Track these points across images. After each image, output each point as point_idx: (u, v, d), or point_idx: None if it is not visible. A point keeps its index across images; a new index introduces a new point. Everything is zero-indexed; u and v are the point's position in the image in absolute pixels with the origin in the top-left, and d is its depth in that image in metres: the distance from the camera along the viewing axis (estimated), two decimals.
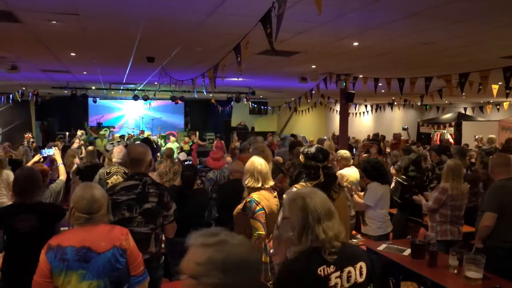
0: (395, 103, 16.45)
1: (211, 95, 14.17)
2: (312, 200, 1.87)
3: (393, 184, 5.83)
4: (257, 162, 3.35)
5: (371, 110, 17.33)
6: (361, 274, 1.87)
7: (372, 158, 5.50)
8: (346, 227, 3.02)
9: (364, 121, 20.28)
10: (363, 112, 17.90)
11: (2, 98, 14.08)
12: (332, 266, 1.79)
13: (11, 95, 13.67)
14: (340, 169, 5.44)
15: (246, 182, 3.32)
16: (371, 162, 4.99)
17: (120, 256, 2.34)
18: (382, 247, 4.24)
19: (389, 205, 4.91)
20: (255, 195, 3.23)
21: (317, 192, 1.95)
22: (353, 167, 5.56)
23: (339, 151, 5.75)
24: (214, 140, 16.16)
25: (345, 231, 1.99)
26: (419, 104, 15.79)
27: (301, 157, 2.87)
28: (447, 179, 4.49)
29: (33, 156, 6.19)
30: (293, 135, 13.83)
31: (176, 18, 4.75)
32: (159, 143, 13.89)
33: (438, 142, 15.66)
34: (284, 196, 2.85)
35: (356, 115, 18.43)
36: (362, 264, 1.89)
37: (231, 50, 4.54)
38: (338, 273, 1.80)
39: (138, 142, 11.41)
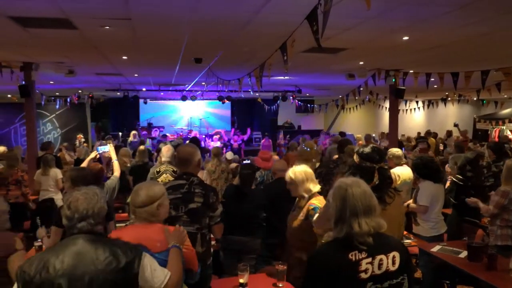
0: (449, 98, 15.74)
1: (257, 94, 14.22)
2: (354, 195, 1.93)
3: (448, 184, 5.58)
4: (304, 167, 3.34)
5: (423, 106, 16.68)
6: (393, 263, 1.91)
7: (425, 156, 5.29)
8: (400, 234, 2.91)
9: (415, 118, 19.59)
10: (414, 109, 17.28)
11: (61, 101, 14.89)
12: (363, 253, 1.87)
13: (68, 98, 14.43)
14: (391, 168, 5.28)
15: (310, 188, 3.27)
16: (423, 160, 4.76)
17: (167, 257, 2.37)
18: (436, 248, 4.08)
19: (442, 205, 4.69)
20: (315, 201, 3.20)
21: (361, 185, 1.98)
22: (405, 166, 5.38)
23: (390, 150, 5.58)
24: (261, 138, 16.24)
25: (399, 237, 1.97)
26: (475, 99, 15.01)
27: (356, 157, 2.76)
28: (507, 181, 4.19)
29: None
30: (341, 133, 13.62)
31: (222, 19, 4.81)
32: (207, 142, 14.15)
33: (496, 139, 14.82)
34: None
35: (406, 112, 17.84)
36: (395, 253, 1.93)
37: (277, 49, 4.53)
38: (369, 259, 1.87)
39: (179, 142, 11.70)
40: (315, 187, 3.29)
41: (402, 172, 5.19)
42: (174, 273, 2.09)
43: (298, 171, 3.32)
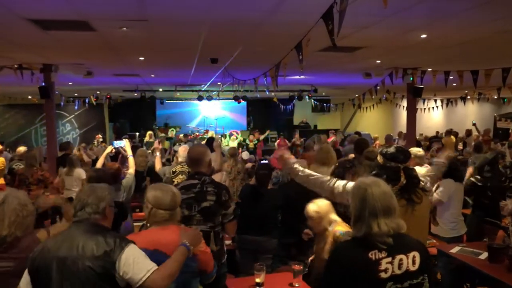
0: (468, 97, 15.46)
1: (273, 93, 14.20)
2: (374, 195, 1.91)
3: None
4: (324, 201, 3.31)
5: (441, 105, 16.42)
6: (413, 263, 1.90)
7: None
8: (425, 237, 2.88)
9: (433, 117, 19.29)
10: (433, 107, 17.03)
11: (79, 102, 15.14)
12: (383, 252, 1.86)
13: (86, 99, 14.66)
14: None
15: (333, 218, 3.24)
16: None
17: (190, 261, 2.37)
18: (455, 249, 4.01)
19: (462, 205, 4.62)
20: (340, 227, 3.17)
21: (381, 185, 1.96)
22: (426, 166, 5.28)
23: (412, 149, 5.48)
24: (277, 138, 16.22)
25: (423, 240, 1.96)
26: (495, 97, 14.71)
27: (380, 158, 2.74)
28: None
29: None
30: (357, 133, 13.50)
31: (238, 19, 4.82)
32: (222, 142, 14.19)
33: None
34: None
35: (424, 111, 17.58)
36: (415, 253, 1.91)
37: (293, 48, 4.52)
38: (389, 259, 1.86)
39: (197, 142, 11.77)
40: (336, 216, 3.27)
41: (421, 173, 5.10)
42: (164, 269, 2.06)
43: (322, 204, 3.29)
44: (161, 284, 2.02)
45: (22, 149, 8.34)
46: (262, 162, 6.85)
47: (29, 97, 15.44)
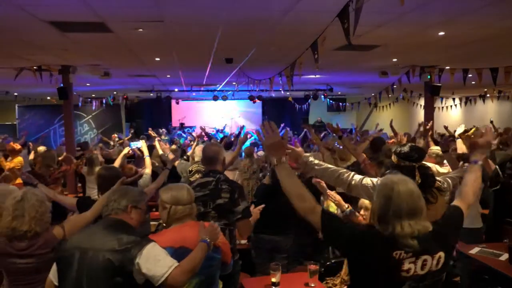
0: (488, 95, 15.18)
1: (288, 93, 14.17)
2: (400, 193, 1.82)
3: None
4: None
5: (460, 104, 16.15)
6: (437, 264, 1.84)
7: (466, 153, 5.12)
8: None
9: (452, 116, 19.00)
10: (451, 106, 16.76)
11: (97, 103, 15.35)
12: (409, 253, 1.79)
13: (103, 100, 14.86)
14: None
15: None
16: (462, 158, 4.64)
17: (215, 253, 2.41)
18: (475, 250, 3.94)
19: (478, 200, 4.56)
20: None
21: (408, 184, 1.87)
22: (446, 165, 5.19)
23: (432, 148, 5.40)
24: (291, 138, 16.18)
25: None
26: None
27: (393, 157, 2.69)
28: None
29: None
30: (366, 131, 13.36)
31: (253, 19, 4.82)
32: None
33: None
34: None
35: (442, 109, 17.32)
36: (441, 254, 1.85)
37: (308, 47, 4.50)
38: (413, 259, 1.80)
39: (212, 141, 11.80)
40: None
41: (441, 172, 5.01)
42: (184, 265, 2.10)
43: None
44: (180, 279, 2.08)
45: (41, 149, 8.47)
46: None
47: (48, 98, 15.71)
